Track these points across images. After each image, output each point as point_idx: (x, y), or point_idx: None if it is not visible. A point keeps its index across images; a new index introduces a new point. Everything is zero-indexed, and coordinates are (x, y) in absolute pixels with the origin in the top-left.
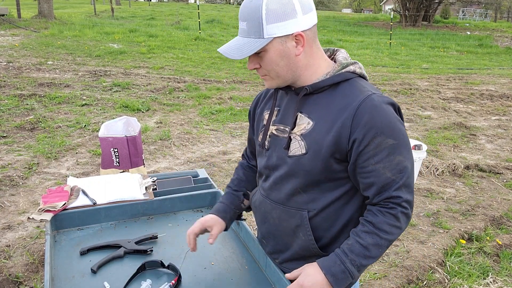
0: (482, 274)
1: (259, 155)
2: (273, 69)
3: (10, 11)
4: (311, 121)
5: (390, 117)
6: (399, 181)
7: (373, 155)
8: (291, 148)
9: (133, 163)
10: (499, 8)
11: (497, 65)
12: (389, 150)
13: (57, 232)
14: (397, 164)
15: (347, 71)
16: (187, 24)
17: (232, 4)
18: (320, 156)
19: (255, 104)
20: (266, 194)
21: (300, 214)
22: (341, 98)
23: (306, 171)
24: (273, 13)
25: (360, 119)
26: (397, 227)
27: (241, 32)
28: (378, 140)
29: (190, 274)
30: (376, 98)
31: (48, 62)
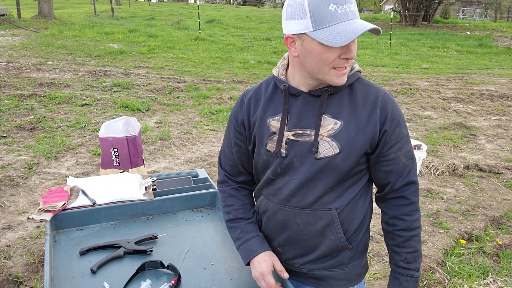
0: (482, 274)
1: (268, 164)
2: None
3: (10, 11)
4: (339, 121)
5: (399, 108)
6: (412, 166)
7: (395, 143)
8: (320, 150)
9: (133, 163)
10: (499, 8)
11: (497, 65)
12: (405, 138)
13: (57, 232)
14: (409, 150)
15: (357, 70)
16: (187, 24)
17: (232, 4)
18: (354, 153)
19: (247, 112)
20: (284, 201)
21: (329, 213)
22: (362, 96)
23: (339, 170)
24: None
25: (387, 112)
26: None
27: (354, 14)
28: (398, 129)
29: (190, 274)
30: (389, 93)
31: (48, 62)
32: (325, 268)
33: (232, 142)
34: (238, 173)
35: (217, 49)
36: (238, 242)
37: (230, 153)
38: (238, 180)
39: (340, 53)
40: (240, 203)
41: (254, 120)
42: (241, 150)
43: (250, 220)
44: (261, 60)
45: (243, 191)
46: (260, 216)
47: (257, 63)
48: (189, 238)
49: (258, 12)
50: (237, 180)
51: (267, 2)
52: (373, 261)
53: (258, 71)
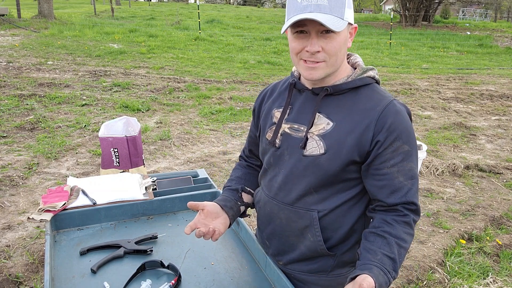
0: (482, 274)
1: (265, 153)
2: (335, 55)
3: (10, 11)
4: (331, 122)
5: (408, 124)
6: (411, 187)
7: (390, 158)
8: (308, 147)
9: (133, 163)
10: (499, 8)
11: (497, 65)
12: (404, 155)
13: (57, 232)
14: (409, 170)
15: (368, 76)
16: (187, 24)
17: (232, 4)
18: (339, 157)
19: (261, 101)
20: (273, 194)
21: (310, 214)
22: (365, 102)
23: (323, 171)
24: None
25: (385, 122)
26: (411, 234)
27: (319, 8)
28: (396, 144)
29: (190, 274)
30: (398, 104)
31: (48, 62)
32: (307, 272)
33: (251, 128)
34: (248, 156)
35: (217, 49)
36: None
37: (247, 138)
38: (249, 160)
39: (305, 45)
40: (236, 176)
41: (264, 109)
42: (252, 136)
43: (231, 188)
44: (261, 60)
45: (248, 169)
46: (255, 205)
47: (257, 63)
48: (189, 238)
49: (258, 12)
50: (248, 159)
51: (267, 2)
52: None
53: (258, 71)
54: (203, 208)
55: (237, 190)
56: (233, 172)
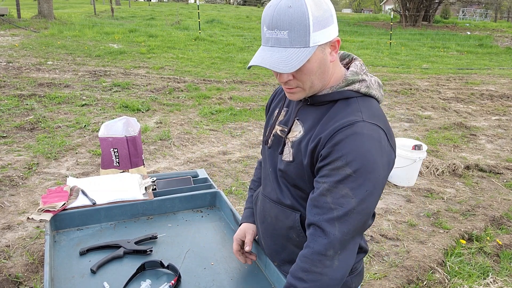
0: (482, 274)
1: (262, 151)
2: (309, 79)
3: (10, 11)
4: (302, 130)
5: (363, 149)
6: (335, 212)
7: (327, 175)
8: (284, 152)
9: (133, 163)
10: (499, 8)
11: (497, 65)
12: (342, 178)
13: (57, 232)
14: (343, 196)
15: (350, 89)
16: (187, 24)
17: (232, 4)
18: (302, 166)
19: (271, 99)
20: (267, 192)
21: (294, 215)
22: (331, 116)
23: (293, 178)
24: (317, 20)
25: (333, 139)
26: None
27: (279, 42)
28: (337, 164)
29: (190, 274)
30: (363, 127)
31: (48, 62)
32: None
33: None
34: None
35: (217, 49)
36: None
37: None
38: None
39: (277, 74)
40: (258, 177)
41: (271, 107)
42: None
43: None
44: None
45: None
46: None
47: None
48: (189, 238)
49: (258, 12)
50: None
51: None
52: (373, 261)
53: (258, 71)
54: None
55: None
56: (256, 172)
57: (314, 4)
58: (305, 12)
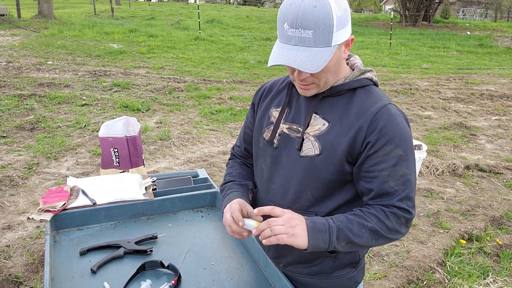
0: (482, 274)
1: (262, 153)
2: (325, 76)
3: (10, 11)
4: (327, 123)
5: (403, 128)
6: (401, 192)
7: (381, 161)
8: (304, 148)
9: (133, 163)
10: (499, 8)
11: (497, 65)
12: (397, 160)
13: (57, 232)
14: (402, 175)
15: (365, 77)
16: (187, 24)
17: (232, 4)
18: (334, 158)
19: (260, 97)
20: (271, 196)
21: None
22: (359, 103)
23: (318, 172)
24: (340, 20)
25: (377, 125)
26: (384, 224)
27: (303, 41)
28: (388, 147)
29: (190, 274)
30: (392, 108)
31: (48, 62)
32: (306, 274)
33: (244, 125)
34: (243, 155)
35: (217, 49)
36: (222, 199)
37: (240, 136)
38: (244, 159)
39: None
40: (237, 172)
41: (261, 107)
42: (249, 133)
43: (239, 182)
44: (261, 60)
45: (244, 166)
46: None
47: (257, 63)
48: (189, 238)
49: (258, 12)
50: (242, 158)
51: (267, 2)
52: (373, 261)
53: (258, 71)
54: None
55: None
56: (232, 169)
57: (336, 4)
58: (329, 12)
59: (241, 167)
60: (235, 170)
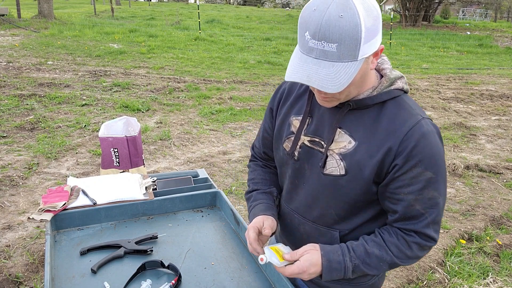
0: (482, 274)
1: (283, 162)
2: (348, 90)
3: (10, 11)
4: (353, 141)
5: (435, 148)
6: (428, 216)
7: (407, 184)
8: (327, 166)
9: (133, 163)
10: (499, 8)
11: (497, 65)
12: (425, 183)
13: (57, 232)
14: (430, 199)
15: (396, 88)
16: (187, 24)
17: (232, 4)
18: (361, 180)
19: (278, 102)
20: (293, 207)
21: (331, 233)
22: (389, 120)
23: (343, 193)
24: (369, 31)
25: (406, 146)
26: (405, 254)
27: (326, 55)
28: (417, 170)
29: (190, 274)
30: (426, 124)
31: (48, 62)
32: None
33: (262, 128)
34: (264, 157)
35: (217, 49)
36: (249, 211)
37: (259, 137)
38: (265, 162)
39: None
40: (260, 177)
41: (281, 112)
42: (267, 138)
43: (264, 190)
44: (261, 60)
45: (267, 169)
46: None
47: (257, 63)
48: (189, 238)
49: (258, 12)
50: (264, 161)
51: (267, 2)
52: None
53: (258, 71)
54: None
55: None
56: (255, 173)
57: (365, 12)
58: (357, 24)
59: (263, 171)
60: (258, 175)
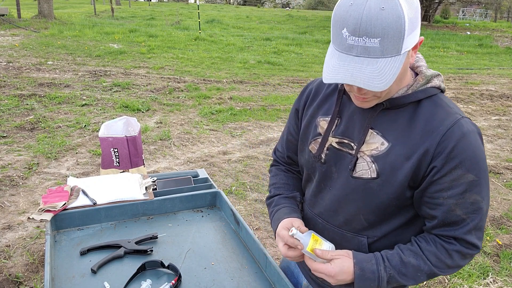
0: (482, 274)
1: (309, 165)
2: (389, 88)
3: (10, 11)
4: (386, 142)
5: (476, 149)
6: (470, 222)
7: (447, 188)
8: (357, 168)
9: (133, 163)
10: (499, 8)
11: (497, 65)
12: (467, 186)
13: (57, 232)
14: (472, 203)
15: (433, 86)
16: (187, 24)
17: (232, 4)
18: (394, 183)
19: (304, 103)
20: (318, 212)
21: (358, 240)
22: (426, 120)
23: (373, 197)
24: (411, 22)
25: (445, 146)
26: (445, 263)
27: (368, 51)
28: (457, 172)
29: (190, 274)
30: (465, 123)
31: (48, 62)
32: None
33: (286, 130)
34: (287, 161)
35: (217, 49)
36: (270, 216)
37: (282, 141)
38: (289, 166)
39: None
40: (283, 182)
41: (307, 113)
42: (292, 141)
43: (286, 195)
44: (261, 60)
45: (289, 174)
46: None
47: (257, 63)
48: (189, 238)
49: (258, 12)
50: (287, 165)
51: (267, 2)
52: None
53: (258, 71)
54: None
55: (294, 198)
56: (276, 178)
57: (407, 4)
58: (400, 15)
59: (286, 176)
60: (280, 180)
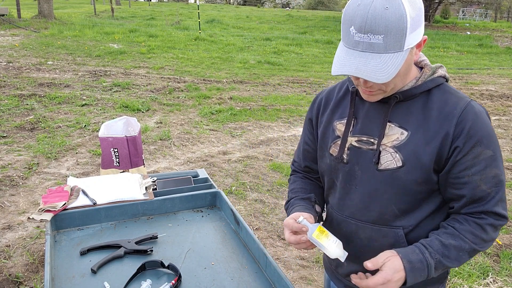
0: (482, 274)
1: (331, 169)
2: (394, 82)
3: (10, 11)
4: (406, 131)
5: (489, 127)
6: (495, 195)
7: (471, 165)
8: (382, 161)
9: (133, 163)
10: (499, 8)
11: (497, 65)
12: (487, 161)
13: (57, 232)
14: (494, 177)
15: (439, 75)
16: (187, 24)
17: (232, 4)
18: (420, 168)
19: (317, 111)
20: (348, 213)
21: (395, 232)
22: (439, 106)
23: (402, 185)
24: (413, 21)
25: (463, 127)
26: (481, 238)
27: (372, 47)
28: (477, 150)
29: (190, 274)
30: (475, 105)
31: (48, 62)
32: None
33: (302, 140)
34: (305, 170)
35: (217, 49)
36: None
37: (299, 152)
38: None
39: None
40: (299, 187)
41: (322, 120)
42: (309, 150)
43: (302, 197)
44: (261, 60)
45: (306, 180)
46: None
47: (257, 63)
48: (189, 238)
49: (258, 12)
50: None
51: (267, 2)
52: None
53: (258, 71)
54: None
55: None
56: (294, 184)
57: (409, 4)
58: (403, 14)
59: (303, 181)
60: (297, 185)
